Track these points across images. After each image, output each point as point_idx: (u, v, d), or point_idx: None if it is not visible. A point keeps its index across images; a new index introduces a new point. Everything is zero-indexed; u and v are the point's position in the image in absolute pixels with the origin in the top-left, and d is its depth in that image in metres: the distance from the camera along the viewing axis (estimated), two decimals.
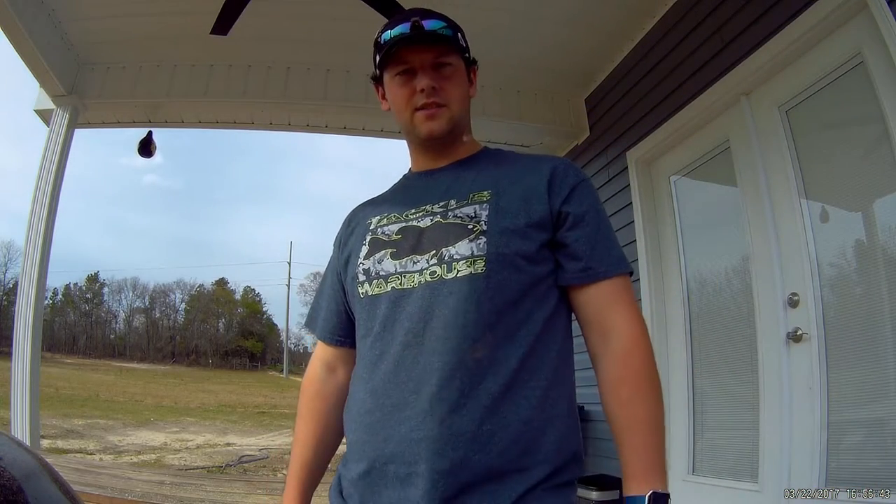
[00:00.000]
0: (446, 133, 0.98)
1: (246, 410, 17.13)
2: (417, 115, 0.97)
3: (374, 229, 0.98)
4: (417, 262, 0.90)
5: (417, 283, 0.88)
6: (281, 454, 8.75)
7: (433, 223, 0.93)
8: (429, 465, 0.80)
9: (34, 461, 0.53)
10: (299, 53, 3.47)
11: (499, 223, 0.89)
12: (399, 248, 0.93)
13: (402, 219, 0.97)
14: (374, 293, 0.92)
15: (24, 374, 2.90)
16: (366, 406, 0.88)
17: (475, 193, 0.94)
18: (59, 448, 7.97)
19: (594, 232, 0.92)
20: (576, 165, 1.02)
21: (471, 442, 0.80)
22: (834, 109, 2.27)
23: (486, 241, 0.87)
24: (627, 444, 0.84)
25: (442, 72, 0.97)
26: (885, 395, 2.00)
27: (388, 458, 0.83)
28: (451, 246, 0.88)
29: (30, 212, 3.11)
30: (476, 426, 0.81)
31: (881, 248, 2.09)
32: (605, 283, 0.90)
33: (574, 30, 3.24)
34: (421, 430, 0.81)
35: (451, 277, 0.86)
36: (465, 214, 0.91)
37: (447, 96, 0.97)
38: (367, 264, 0.94)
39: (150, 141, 3.89)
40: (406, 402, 0.83)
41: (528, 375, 0.84)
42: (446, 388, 0.82)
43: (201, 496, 3.46)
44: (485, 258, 0.86)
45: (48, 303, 46.80)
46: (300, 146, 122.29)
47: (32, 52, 2.90)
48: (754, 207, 2.55)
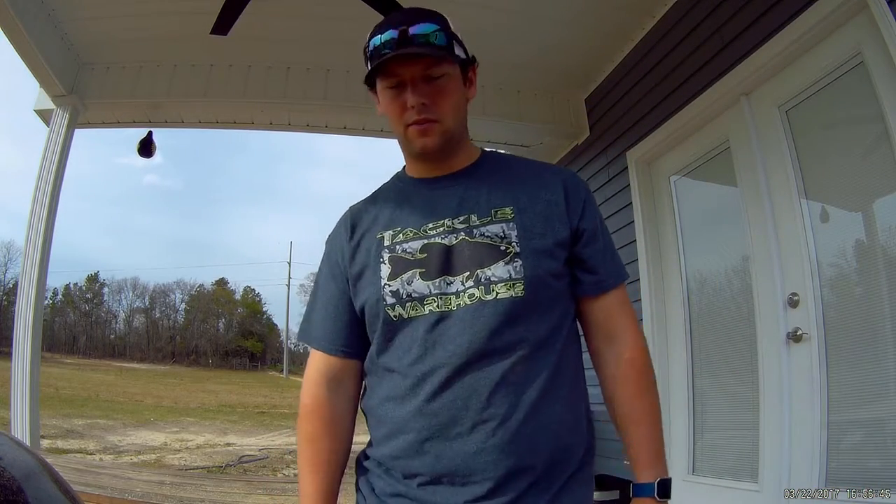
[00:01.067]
0: (440, 148, 0.97)
1: (246, 410, 17.13)
2: (410, 131, 0.95)
3: (390, 246, 0.96)
4: (451, 283, 0.91)
5: (456, 305, 0.90)
6: (281, 454, 8.75)
7: (459, 241, 0.93)
8: (484, 475, 0.86)
9: (34, 461, 0.53)
10: (299, 53, 3.47)
11: (530, 244, 0.92)
12: (428, 269, 0.92)
13: (422, 234, 0.95)
14: (409, 316, 0.91)
15: (24, 374, 2.90)
16: (411, 427, 0.90)
17: (497, 210, 0.95)
18: (59, 448, 7.96)
19: (604, 245, 0.99)
20: (577, 175, 1.06)
21: (520, 447, 0.86)
22: (834, 109, 2.27)
23: (521, 263, 0.91)
24: (634, 436, 0.94)
25: (434, 84, 0.93)
26: (885, 395, 2.00)
27: (442, 474, 0.88)
28: (487, 268, 0.91)
29: (30, 212, 3.10)
30: (523, 433, 0.87)
31: (881, 248, 2.09)
32: (613, 292, 0.98)
33: (574, 30, 3.24)
34: (474, 443, 0.86)
35: (490, 300, 0.89)
36: (493, 234, 0.93)
37: (439, 111, 0.94)
38: (394, 286, 0.93)
39: (151, 141, 3.89)
40: (456, 419, 0.87)
41: (559, 381, 0.91)
42: (494, 403, 0.87)
43: (201, 496, 3.46)
44: (523, 282, 0.90)
45: (48, 303, 46.79)
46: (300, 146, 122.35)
47: (32, 52, 2.90)
48: (754, 207, 2.55)
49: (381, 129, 4.05)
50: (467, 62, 0.99)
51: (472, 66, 1.01)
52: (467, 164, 1.02)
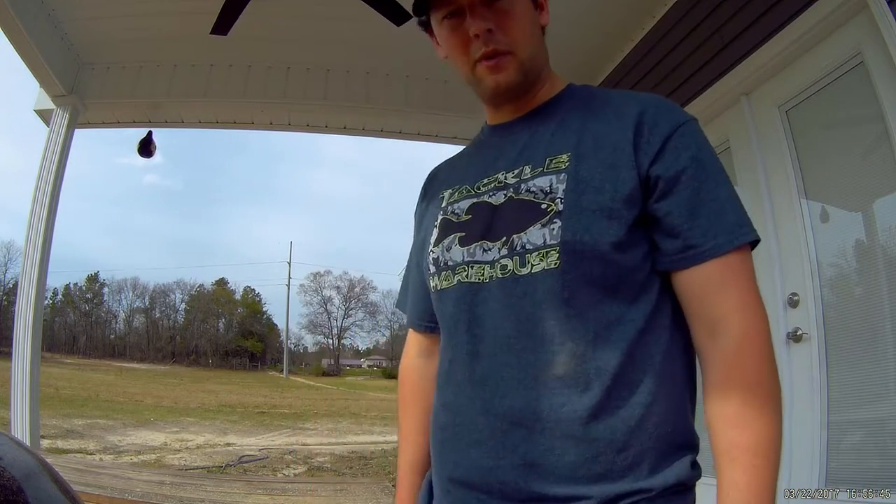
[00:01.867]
0: (517, 84, 0.79)
1: (246, 410, 17.12)
2: (479, 68, 0.78)
3: (444, 207, 0.84)
4: (489, 249, 0.74)
5: (488, 277, 0.73)
6: (281, 454, 8.75)
7: (507, 199, 0.76)
8: (500, 499, 0.69)
9: (34, 461, 0.53)
10: (299, 53, 3.47)
11: (579, 200, 0.70)
12: (468, 232, 0.77)
13: (474, 192, 0.81)
14: (442, 287, 0.78)
15: (24, 374, 2.90)
16: (440, 421, 0.79)
17: (553, 158, 0.75)
18: (59, 448, 7.96)
19: (694, 195, 0.70)
20: (673, 104, 0.77)
21: (550, 474, 0.67)
22: (834, 109, 2.27)
23: (560, 224, 0.69)
24: (727, 477, 0.67)
25: (496, 6, 0.77)
26: (885, 395, 2.00)
27: (459, 483, 0.74)
28: (523, 232, 0.71)
29: (30, 212, 3.11)
30: (557, 457, 0.67)
31: (881, 248, 2.09)
32: (712, 263, 0.69)
33: (574, 29, 3.24)
34: (491, 457, 0.70)
35: (524, 274, 0.70)
36: (538, 188, 0.73)
37: (510, 38, 0.77)
38: (436, 252, 0.80)
39: (150, 141, 3.89)
40: (474, 423, 0.72)
41: (625, 391, 0.68)
42: (521, 410, 0.69)
43: (201, 496, 3.46)
44: (558, 248, 0.69)
45: (48, 303, 46.82)
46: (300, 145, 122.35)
47: (32, 52, 2.90)
48: (754, 207, 2.54)
49: (381, 130, 4.06)
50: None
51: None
52: (546, 101, 0.84)
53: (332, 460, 8.43)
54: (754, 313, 0.68)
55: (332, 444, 10.46)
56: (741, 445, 0.66)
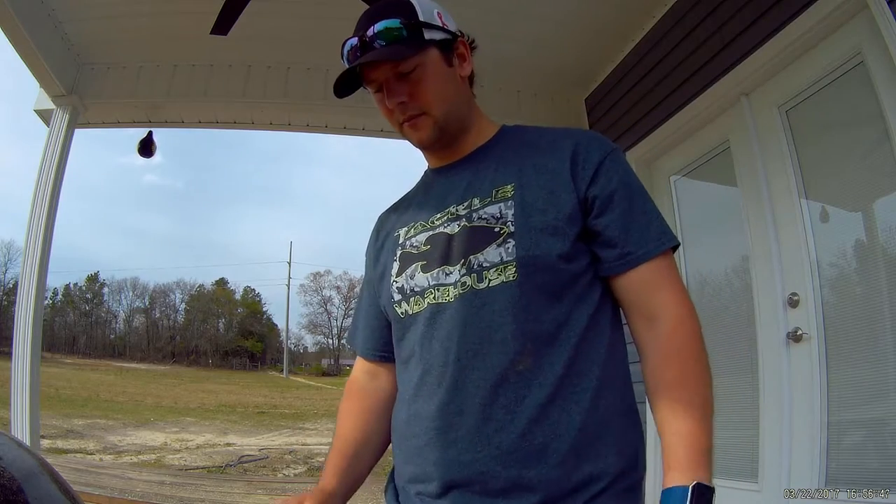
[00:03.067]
0: (436, 139, 0.92)
1: (246, 410, 17.13)
2: (404, 129, 0.92)
3: (402, 242, 0.93)
4: (450, 273, 0.84)
5: (453, 296, 0.83)
6: (281, 454, 8.75)
7: (461, 227, 0.86)
8: (482, 486, 0.77)
9: (34, 461, 0.53)
10: (299, 53, 3.47)
11: (528, 222, 0.82)
12: (429, 260, 0.87)
13: (429, 226, 0.91)
14: (413, 311, 0.87)
15: (24, 374, 2.90)
16: (411, 430, 0.86)
17: (498, 189, 0.86)
18: (59, 448, 7.96)
19: (626, 211, 0.83)
20: (601, 136, 0.91)
21: (524, 458, 0.76)
22: (834, 109, 2.27)
23: (514, 243, 0.81)
24: (670, 429, 0.76)
25: (409, 78, 0.88)
26: (885, 395, 2.00)
27: (440, 483, 0.80)
28: (480, 253, 0.82)
29: (30, 212, 3.10)
30: (527, 441, 0.77)
31: (881, 248, 2.09)
32: (646, 265, 0.82)
33: (574, 30, 3.24)
34: (470, 452, 0.78)
35: (483, 288, 0.81)
36: (489, 215, 0.84)
37: (422, 103, 0.88)
38: (399, 282, 0.90)
39: (151, 141, 3.89)
40: (451, 424, 0.80)
41: (576, 379, 0.79)
42: (491, 405, 0.78)
43: (201, 496, 3.46)
44: (515, 263, 0.80)
45: (48, 303, 46.81)
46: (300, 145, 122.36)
47: (32, 52, 2.90)
48: (754, 207, 2.55)
49: (381, 130, 4.05)
50: (449, 41, 0.91)
51: (458, 41, 0.93)
52: (481, 143, 0.96)
53: None
54: (684, 303, 0.83)
55: None
56: (682, 401, 0.77)
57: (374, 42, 0.87)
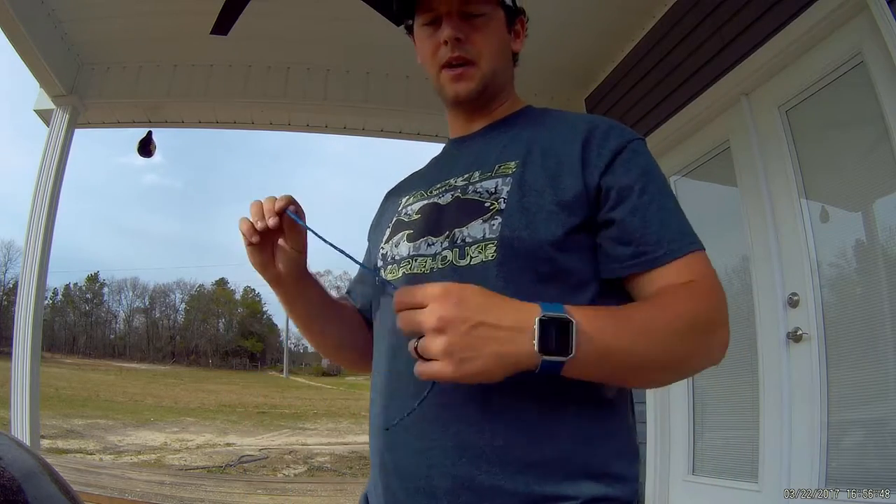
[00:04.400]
0: (476, 95, 0.85)
1: (246, 410, 17.13)
2: (444, 75, 0.84)
3: (399, 210, 0.89)
4: (433, 244, 0.78)
5: (429, 268, 0.77)
6: (281, 454, 8.76)
7: (453, 199, 0.81)
8: (428, 481, 0.69)
9: (34, 461, 0.53)
10: (299, 53, 3.47)
11: (520, 202, 0.74)
12: (415, 229, 0.82)
13: (426, 196, 0.86)
14: (388, 279, 0.82)
15: (24, 374, 2.90)
16: (375, 408, 0.80)
17: (502, 164, 0.80)
18: (59, 448, 7.96)
19: (648, 205, 0.73)
20: (623, 125, 0.82)
21: (478, 457, 0.67)
22: (834, 109, 2.27)
23: (500, 221, 0.73)
24: (667, 294, 0.68)
25: (472, 22, 0.83)
26: (885, 395, 2.00)
27: (391, 470, 0.74)
28: (465, 227, 0.76)
29: (30, 212, 3.11)
30: (486, 439, 0.68)
31: (881, 248, 2.09)
32: (669, 266, 0.71)
33: (574, 29, 3.24)
34: (423, 440, 0.70)
35: (463, 265, 0.74)
36: (484, 189, 0.78)
37: (476, 50, 0.83)
38: (385, 249, 0.86)
39: (150, 141, 3.89)
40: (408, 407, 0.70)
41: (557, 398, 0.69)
42: (451, 392, 0.68)
43: (201, 496, 3.46)
44: (496, 242, 0.72)
45: (48, 303, 46.81)
46: (300, 145, 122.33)
47: (32, 52, 2.90)
48: (754, 207, 2.55)
49: (381, 130, 4.06)
50: (515, 11, 0.90)
51: (519, 17, 0.91)
52: (504, 116, 0.90)
53: (332, 460, 8.44)
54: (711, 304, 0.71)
55: (332, 444, 10.46)
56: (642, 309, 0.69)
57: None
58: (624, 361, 0.63)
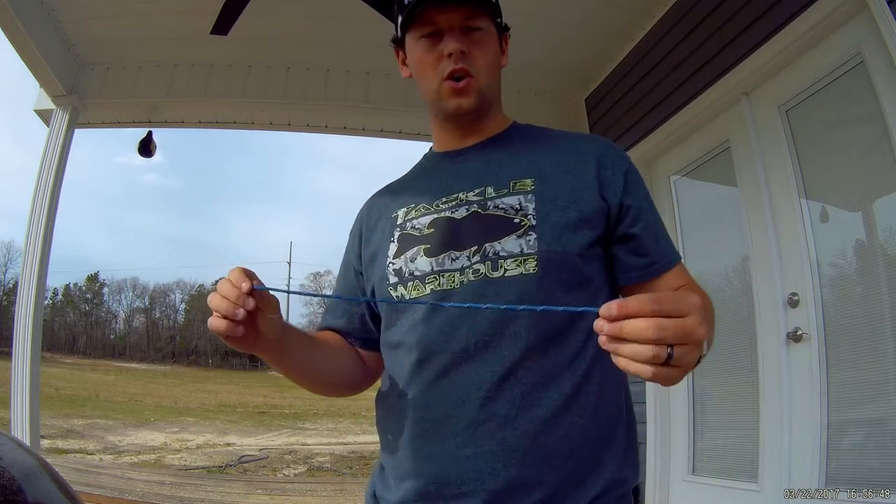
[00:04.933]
0: (475, 108, 0.89)
1: (246, 410, 17.13)
2: (445, 87, 0.87)
3: (401, 224, 0.89)
4: (456, 258, 0.81)
5: (459, 282, 0.80)
6: (281, 454, 8.76)
7: (470, 213, 0.84)
8: (478, 484, 0.74)
9: (34, 461, 0.53)
10: (299, 53, 3.47)
11: (549, 217, 0.81)
12: (433, 244, 0.84)
13: (433, 209, 0.87)
14: (411, 296, 0.84)
15: (24, 374, 2.90)
16: (405, 420, 0.81)
17: (516, 181, 0.85)
18: (59, 448, 7.96)
19: (655, 223, 0.87)
20: (617, 147, 0.92)
21: (525, 457, 0.74)
22: (834, 109, 2.27)
23: (536, 237, 0.79)
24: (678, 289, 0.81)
25: (471, 36, 0.87)
26: (885, 395, 2.00)
27: (432, 479, 0.77)
28: (497, 241, 0.80)
29: (30, 212, 3.11)
30: (530, 440, 0.74)
31: (881, 248, 2.09)
32: (670, 273, 0.85)
33: (574, 30, 3.24)
34: (469, 446, 0.75)
35: (497, 277, 0.79)
36: (508, 206, 0.82)
37: (476, 64, 0.87)
38: (397, 263, 0.86)
39: (150, 141, 3.89)
40: (450, 416, 0.76)
41: (584, 383, 0.78)
42: (496, 399, 0.75)
43: (201, 496, 3.46)
44: (536, 257, 0.78)
45: (48, 303, 46.81)
46: (300, 145, 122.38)
47: (32, 52, 2.90)
48: (754, 207, 2.55)
49: (381, 130, 4.06)
50: (502, 28, 0.94)
51: (504, 34, 0.95)
52: (495, 133, 0.94)
53: (332, 460, 8.44)
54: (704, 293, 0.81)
55: (332, 444, 10.46)
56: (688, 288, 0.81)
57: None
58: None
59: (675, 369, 0.56)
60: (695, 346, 0.56)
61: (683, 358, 0.55)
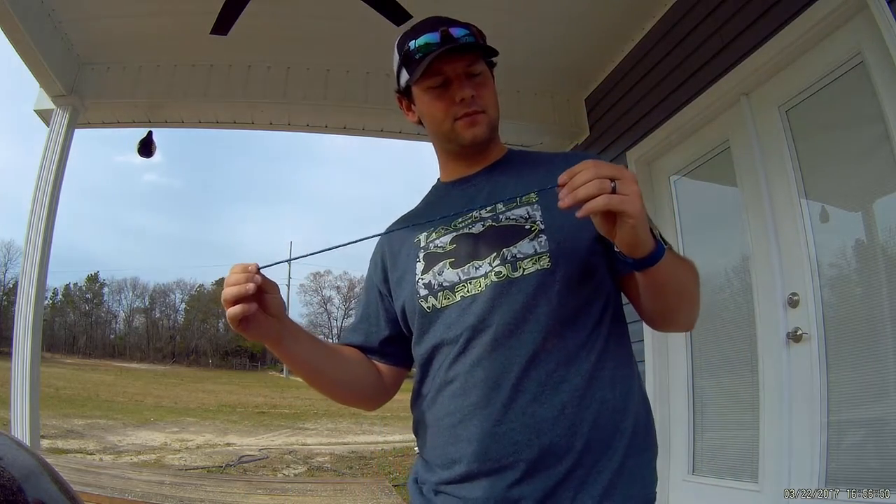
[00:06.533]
0: (487, 138, 1.01)
1: (246, 410, 17.14)
2: (459, 124, 0.98)
3: (425, 245, 0.99)
4: (480, 266, 0.92)
5: (484, 286, 0.90)
6: (281, 454, 8.76)
7: (486, 227, 0.95)
8: (516, 456, 0.83)
9: (34, 461, 0.53)
10: (299, 53, 3.47)
11: (554, 221, 0.92)
12: (457, 257, 0.94)
13: (452, 229, 0.98)
14: (442, 305, 0.93)
15: (24, 374, 2.90)
16: (446, 409, 0.91)
17: (522, 197, 0.96)
18: (59, 448, 7.97)
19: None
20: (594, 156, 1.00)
21: (554, 427, 0.84)
22: (834, 109, 2.27)
23: (546, 238, 0.91)
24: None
25: (476, 80, 0.98)
26: (885, 395, 2.00)
27: (474, 458, 0.86)
28: (513, 246, 0.91)
29: (30, 212, 3.11)
30: (558, 411, 0.85)
31: (881, 248, 2.09)
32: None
33: (574, 30, 3.24)
34: (504, 423, 0.85)
35: (517, 276, 0.90)
36: (518, 216, 0.94)
37: (485, 103, 0.99)
38: (426, 278, 0.95)
39: (150, 141, 3.88)
40: (488, 398, 0.86)
41: (600, 358, 0.89)
42: (525, 379, 0.86)
43: (201, 496, 3.45)
44: (548, 254, 0.90)
45: (48, 303, 46.81)
46: (300, 145, 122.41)
47: (32, 52, 2.90)
48: (754, 207, 2.55)
49: (381, 130, 4.06)
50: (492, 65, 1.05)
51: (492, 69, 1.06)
52: (496, 159, 1.06)
53: (332, 460, 8.44)
54: None
55: (332, 444, 10.46)
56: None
57: (461, 37, 0.96)
58: (679, 280, 0.90)
59: (624, 196, 0.71)
60: (628, 180, 0.72)
61: (625, 187, 0.71)
